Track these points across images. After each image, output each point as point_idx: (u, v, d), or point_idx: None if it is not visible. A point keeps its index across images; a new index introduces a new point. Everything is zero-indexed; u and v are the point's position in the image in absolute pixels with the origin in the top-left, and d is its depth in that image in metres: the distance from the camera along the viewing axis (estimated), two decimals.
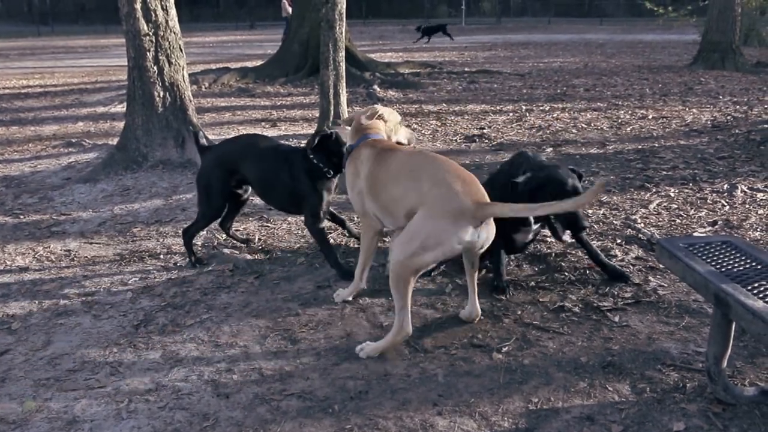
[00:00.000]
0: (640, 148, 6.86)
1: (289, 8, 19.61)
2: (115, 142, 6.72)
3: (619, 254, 4.03)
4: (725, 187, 5.28)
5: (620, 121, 8.39)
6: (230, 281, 3.82)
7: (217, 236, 4.50)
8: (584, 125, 8.17)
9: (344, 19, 7.54)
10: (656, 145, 6.97)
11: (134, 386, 2.78)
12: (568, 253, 4.09)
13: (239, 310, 3.46)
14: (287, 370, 2.88)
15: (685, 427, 2.43)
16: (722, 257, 2.64)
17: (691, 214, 4.74)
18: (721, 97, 10.12)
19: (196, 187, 4.13)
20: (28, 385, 2.81)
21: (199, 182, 4.04)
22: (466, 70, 14.43)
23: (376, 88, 11.39)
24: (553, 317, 3.30)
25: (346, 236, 4.41)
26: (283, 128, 8.52)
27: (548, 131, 7.89)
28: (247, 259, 4.08)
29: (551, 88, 11.72)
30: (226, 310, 3.46)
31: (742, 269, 2.52)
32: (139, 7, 5.71)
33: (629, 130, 7.83)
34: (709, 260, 2.60)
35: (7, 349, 3.12)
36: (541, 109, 9.48)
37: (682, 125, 8.04)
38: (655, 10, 18.71)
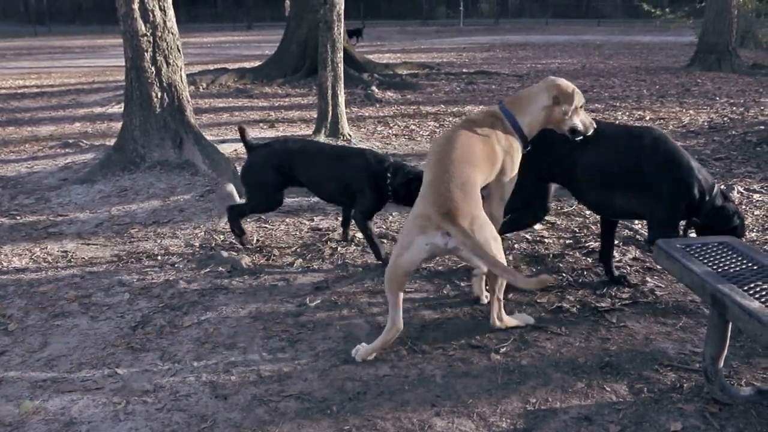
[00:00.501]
0: None
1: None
2: (112, 142, 6.71)
3: (617, 255, 4.03)
4: (722, 188, 5.28)
5: (618, 122, 8.40)
6: (228, 282, 3.81)
7: (215, 237, 4.50)
8: None
9: (342, 20, 7.55)
10: None
11: (132, 387, 2.77)
12: (565, 254, 4.10)
13: (237, 311, 3.46)
14: (285, 371, 2.88)
15: (682, 426, 2.44)
16: (719, 258, 2.65)
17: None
18: (717, 98, 10.14)
19: (243, 182, 4.26)
20: (24, 386, 2.81)
21: (247, 178, 4.18)
22: (464, 71, 14.45)
23: (374, 89, 11.40)
24: (551, 318, 3.30)
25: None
26: (281, 129, 8.52)
27: None
28: (244, 260, 4.08)
29: None
30: (223, 311, 3.46)
31: (738, 270, 2.53)
32: (136, 7, 5.70)
33: None
34: (705, 261, 2.61)
35: (3, 350, 3.12)
36: None
37: (679, 126, 8.06)
38: (652, 11, 18.77)
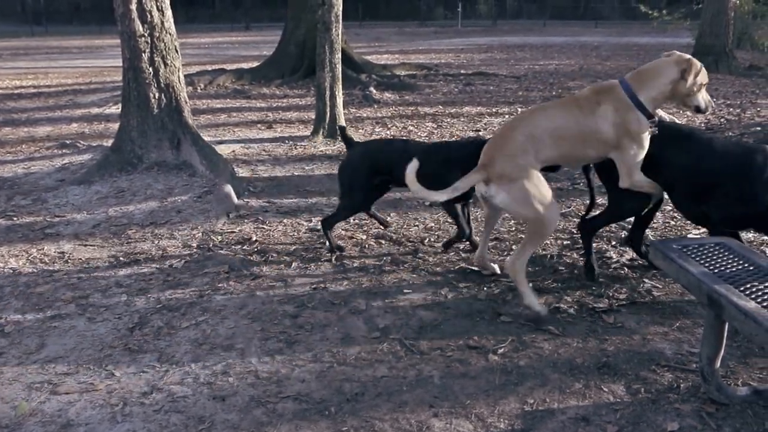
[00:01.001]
0: None
1: None
2: (109, 143, 6.71)
3: (614, 256, 4.05)
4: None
5: None
6: (226, 283, 3.81)
7: (212, 238, 4.50)
8: None
9: (340, 21, 7.55)
10: None
11: (129, 389, 2.77)
12: (563, 255, 4.10)
13: (235, 312, 3.46)
14: (283, 372, 2.88)
15: (679, 426, 2.44)
16: (715, 258, 2.65)
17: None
18: (714, 99, 10.13)
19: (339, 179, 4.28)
20: (21, 388, 2.80)
21: (344, 174, 4.22)
22: (462, 72, 14.46)
23: (372, 90, 11.39)
24: (548, 318, 3.30)
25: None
26: (278, 130, 8.52)
27: None
28: (242, 260, 4.08)
29: (547, 90, 11.75)
30: (221, 312, 3.46)
31: (734, 270, 2.54)
32: (134, 8, 5.70)
33: None
34: (702, 261, 2.61)
35: (0, 351, 3.11)
36: None
37: None
38: (649, 13, 18.78)
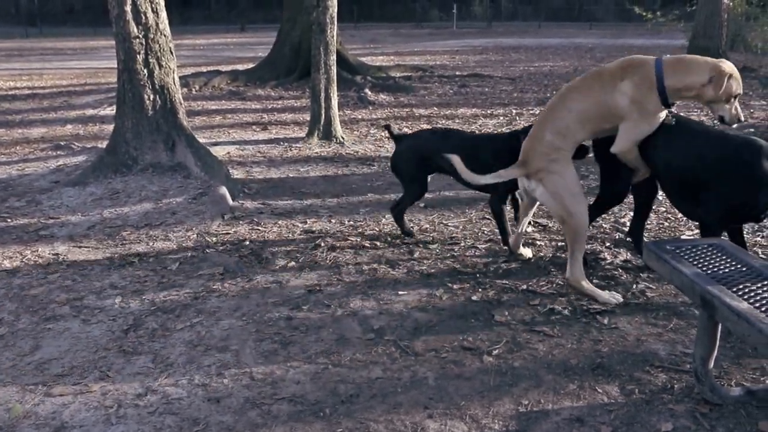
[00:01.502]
0: None
1: None
2: (104, 145, 6.69)
3: (608, 257, 4.06)
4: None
5: None
6: (220, 285, 3.81)
7: (207, 240, 4.50)
8: None
9: (335, 22, 7.55)
10: None
11: (123, 391, 2.77)
12: (557, 256, 4.12)
13: (229, 314, 3.46)
14: (278, 374, 2.88)
15: (672, 427, 2.45)
16: (709, 259, 2.66)
17: (679, 217, 4.76)
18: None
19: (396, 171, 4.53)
20: (15, 390, 2.80)
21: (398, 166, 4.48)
22: (457, 73, 14.48)
23: (367, 91, 11.40)
24: (543, 320, 3.31)
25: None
26: (273, 131, 8.52)
27: None
28: (237, 262, 4.07)
29: (541, 92, 11.77)
30: (216, 314, 3.46)
31: (727, 271, 2.55)
32: (129, 9, 5.69)
33: None
34: (695, 262, 2.63)
35: None
36: (531, 112, 9.52)
37: None
38: (643, 15, 18.83)
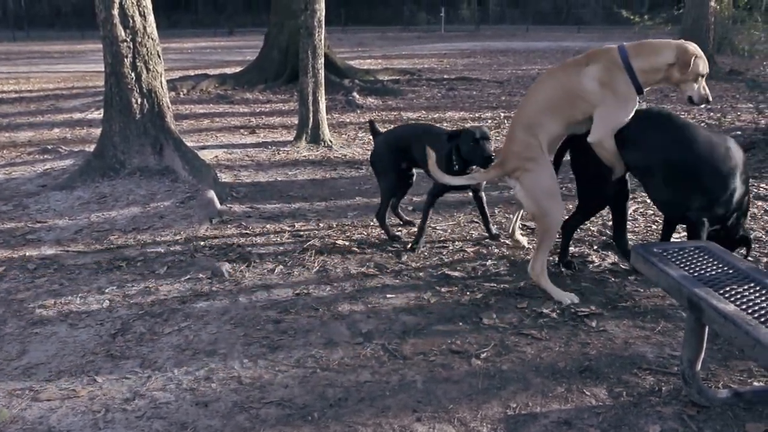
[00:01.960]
0: None
1: None
2: (91, 148, 6.66)
3: (596, 260, 4.08)
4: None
5: None
6: (208, 289, 3.80)
7: (195, 243, 4.48)
8: None
9: (323, 26, 7.56)
10: None
11: (111, 395, 2.75)
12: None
13: (217, 318, 3.45)
14: (266, 377, 2.87)
15: (660, 429, 2.46)
16: (696, 262, 2.68)
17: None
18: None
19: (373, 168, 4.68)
20: (2, 395, 2.77)
21: (373, 161, 4.63)
22: (445, 77, 14.51)
23: (355, 95, 11.41)
24: (531, 323, 3.32)
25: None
26: (262, 135, 8.50)
27: None
28: (225, 266, 4.06)
29: None
30: (204, 318, 3.45)
31: (714, 273, 2.57)
32: (116, 12, 5.67)
33: None
34: (682, 265, 2.64)
35: None
36: None
37: None
38: (631, 18, 18.94)
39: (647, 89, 3.54)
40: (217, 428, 2.53)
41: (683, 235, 4.47)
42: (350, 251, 4.32)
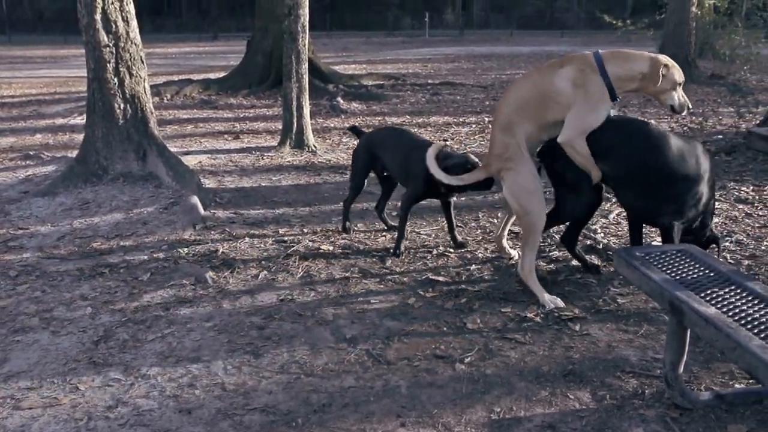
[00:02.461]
0: None
1: None
2: (74, 154, 6.61)
3: (579, 264, 4.09)
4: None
5: None
6: (192, 295, 3.78)
7: (179, 250, 4.46)
8: None
9: (307, 31, 7.56)
10: None
11: (93, 403, 2.73)
12: None
13: (201, 324, 3.43)
14: (250, 384, 2.86)
15: None
16: (677, 265, 2.71)
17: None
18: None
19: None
20: None
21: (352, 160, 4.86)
22: (429, 82, 14.54)
23: (339, 100, 11.40)
24: (515, 327, 3.33)
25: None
26: (245, 140, 8.48)
27: None
28: (209, 272, 4.05)
29: None
30: (187, 324, 3.43)
31: (696, 277, 2.59)
32: (99, 18, 5.64)
33: None
34: (664, 269, 2.67)
35: None
36: None
37: None
38: (613, 23, 19.10)
39: (621, 96, 3.60)
40: None
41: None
42: (334, 256, 4.32)
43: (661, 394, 2.72)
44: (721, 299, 2.41)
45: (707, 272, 2.64)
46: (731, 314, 2.29)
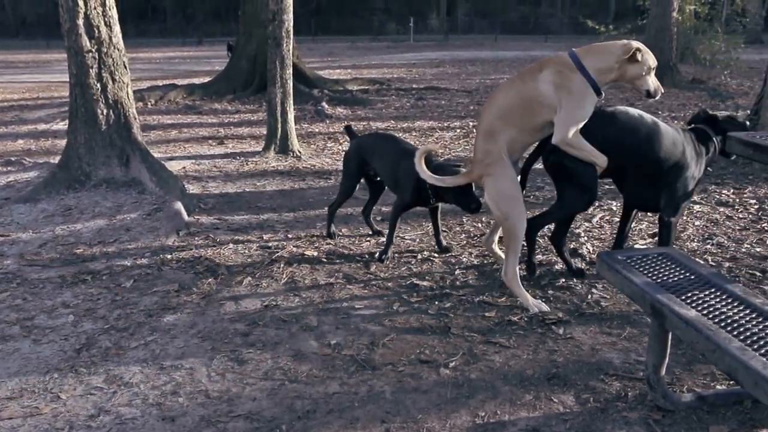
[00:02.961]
0: None
1: None
2: (56, 160, 6.56)
3: (563, 267, 4.11)
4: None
5: None
6: (176, 302, 3.76)
7: (162, 256, 4.43)
8: None
9: (291, 36, 7.55)
10: None
11: (75, 412, 2.70)
12: None
13: (185, 331, 3.41)
14: (234, 391, 2.85)
15: None
16: (659, 269, 2.73)
17: (632, 227, 4.86)
18: (660, 112, 10.44)
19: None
20: None
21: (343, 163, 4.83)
22: (414, 86, 14.58)
23: (324, 105, 11.41)
24: (499, 331, 3.34)
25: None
26: (230, 146, 8.46)
27: None
28: (192, 279, 4.03)
29: None
30: (171, 331, 3.41)
31: (676, 280, 2.61)
32: (81, 23, 5.61)
33: None
34: (646, 272, 2.68)
35: None
36: None
37: None
38: (597, 28, 19.28)
39: (604, 89, 3.64)
40: None
41: (649, 242, 4.55)
42: (319, 262, 4.32)
43: (644, 396, 2.73)
44: (701, 302, 2.42)
45: (688, 275, 2.66)
46: (711, 317, 2.31)
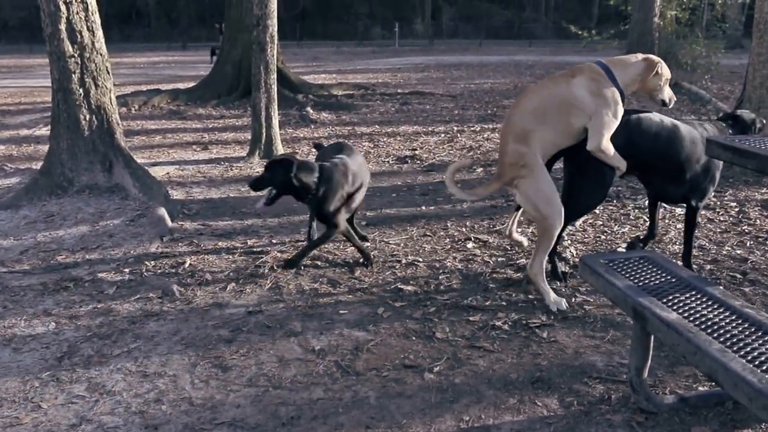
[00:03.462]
0: None
1: None
2: (38, 166, 6.51)
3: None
4: (646, 203, 5.47)
5: None
6: (159, 308, 3.74)
7: (145, 262, 4.41)
8: None
9: (276, 41, 7.55)
10: None
11: (56, 422, 2.68)
12: (498, 271, 4.17)
13: (168, 338, 3.39)
14: (218, 398, 2.84)
15: None
16: (640, 272, 2.75)
17: (615, 230, 4.90)
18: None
19: None
20: None
21: None
22: (398, 91, 14.59)
23: (309, 110, 11.40)
24: (483, 335, 3.35)
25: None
26: (214, 151, 8.43)
27: (479, 151, 8.05)
28: (176, 285, 4.00)
29: (482, 108, 11.96)
30: (154, 338, 3.39)
31: (658, 283, 2.63)
32: (63, 27, 5.58)
33: None
34: (628, 275, 2.70)
35: None
36: (472, 129, 9.66)
37: None
38: (580, 33, 19.43)
39: (627, 99, 3.76)
40: None
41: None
42: (303, 267, 4.30)
43: (627, 398, 2.75)
44: (682, 304, 2.44)
45: (669, 278, 2.68)
46: (692, 319, 2.33)
